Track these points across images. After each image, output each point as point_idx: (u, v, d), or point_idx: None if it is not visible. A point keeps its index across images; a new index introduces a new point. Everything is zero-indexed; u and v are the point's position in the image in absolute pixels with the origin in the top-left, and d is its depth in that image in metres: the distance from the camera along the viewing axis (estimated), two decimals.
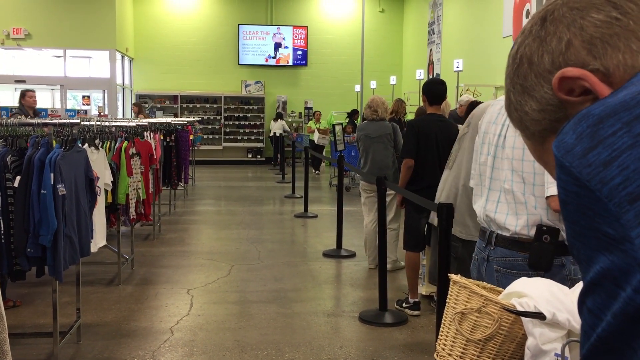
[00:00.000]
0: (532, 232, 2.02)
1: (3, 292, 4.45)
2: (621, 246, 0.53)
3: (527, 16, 10.40)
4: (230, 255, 6.35)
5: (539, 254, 2.00)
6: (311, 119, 16.10)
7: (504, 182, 2.10)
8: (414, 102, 13.88)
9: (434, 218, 4.06)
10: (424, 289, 4.86)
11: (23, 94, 7.73)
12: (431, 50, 15.59)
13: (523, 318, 1.27)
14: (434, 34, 15.33)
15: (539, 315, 1.24)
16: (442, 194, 3.84)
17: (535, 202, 2.02)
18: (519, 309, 1.26)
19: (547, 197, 2.00)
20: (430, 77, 15.44)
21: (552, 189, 1.97)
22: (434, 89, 4.49)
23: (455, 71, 11.10)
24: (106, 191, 4.72)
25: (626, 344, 0.53)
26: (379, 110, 5.60)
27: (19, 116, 4.58)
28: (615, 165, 0.53)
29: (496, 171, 2.15)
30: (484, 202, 2.18)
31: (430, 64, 15.56)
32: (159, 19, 17.20)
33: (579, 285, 1.67)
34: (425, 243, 4.49)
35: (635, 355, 0.52)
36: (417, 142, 4.49)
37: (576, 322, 1.30)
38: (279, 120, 16.29)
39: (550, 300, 1.29)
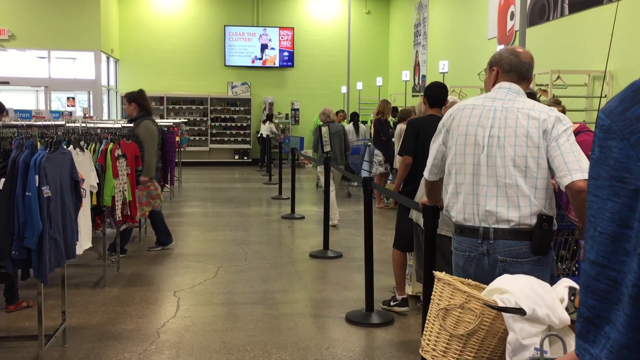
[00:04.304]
0: (534, 221, 2.23)
1: (15, 293, 4.43)
2: (631, 186, 0.62)
3: (511, 18, 10.49)
4: (217, 256, 6.34)
5: (541, 240, 2.22)
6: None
7: (505, 177, 2.27)
8: (400, 103, 13.94)
9: (414, 215, 4.10)
10: (411, 288, 4.89)
11: None
12: (417, 51, 15.66)
13: (504, 313, 1.29)
14: (420, 35, 15.41)
15: (519, 311, 1.26)
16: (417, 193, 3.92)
17: (536, 193, 2.24)
18: (500, 304, 1.28)
19: (570, 183, 2.14)
20: (416, 78, 15.52)
21: (577, 174, 2.14)
22: (435, 92, 4.56)
23: (440, 73, 11.16)
24: (92, 193, 4.70)
25: None
26: (330, 115, 8.62)
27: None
28: None
29: (492, 169, 2.30)
30: (482, 199, 2.31)
31: (416, 65, 15.64)
32: (145, 20, 17.12)
33: (561, 283, 1.70)
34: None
35: None
36: (417, 140, 4.51)
37: (555, 318, 1.32)
38: (267, 122, 16.27)
39: (531, 296, 1.32)
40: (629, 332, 0.61)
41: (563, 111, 6.06)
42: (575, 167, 2.14)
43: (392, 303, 4.68)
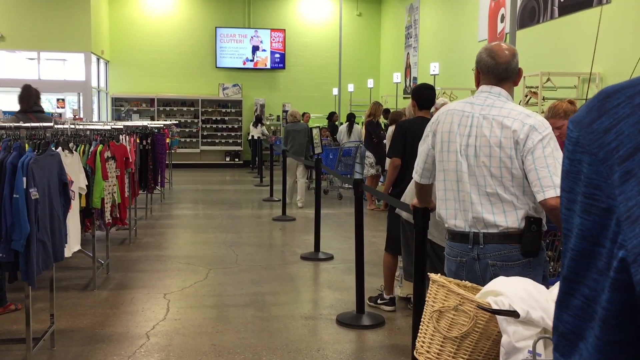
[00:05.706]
0: (522, 224, 2.25)
1: (3, 296, 4.37)
2: (602, 204, 0.58)
3: (501, 20, 10.53)
4: (207, 259, 6.31)
5: (531, 242, 2.23)
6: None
7: (486, 186, 2.28)
8: (391, 105, 13.96)
9: (403, 214, 4.10)
10: (401, 290, 4.88)
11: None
12: (408, 53, 15.70)
13: (498, 316, 1.28)
14: (411, 37, 15.45)
15: (512, 313, 1.25)
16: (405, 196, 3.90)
17: (517, 199, 2.24)
18: (494, 307, 1.27)
19: (542, 200, 2.15)
20: (407, 80, 15.56)
21: (549, 192, 2.14)
22: (423, 94, 4.54)
23: (431, 74, 11.19)
24: (81, 195, 4.65)
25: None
26: (297, 117, 10.04)
27: None
28: (613, 131, 0.59)
29: (473, 177, 2.31)
30: (468, 205, 2.32)
31: (407, 67, 15.67)
32: (135, 22, 17.05)
33: (557, 286, 1.70)
34: None
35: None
36: (404, 142, 4.51)
37: (550, 320, 1.31)
38: (258, 124, 16.25)
39: (525, 298, 1.31)
40: (597, 354, 0.60)
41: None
42: (548, 184, 2.12)
43: (379, 301, 4.70)
